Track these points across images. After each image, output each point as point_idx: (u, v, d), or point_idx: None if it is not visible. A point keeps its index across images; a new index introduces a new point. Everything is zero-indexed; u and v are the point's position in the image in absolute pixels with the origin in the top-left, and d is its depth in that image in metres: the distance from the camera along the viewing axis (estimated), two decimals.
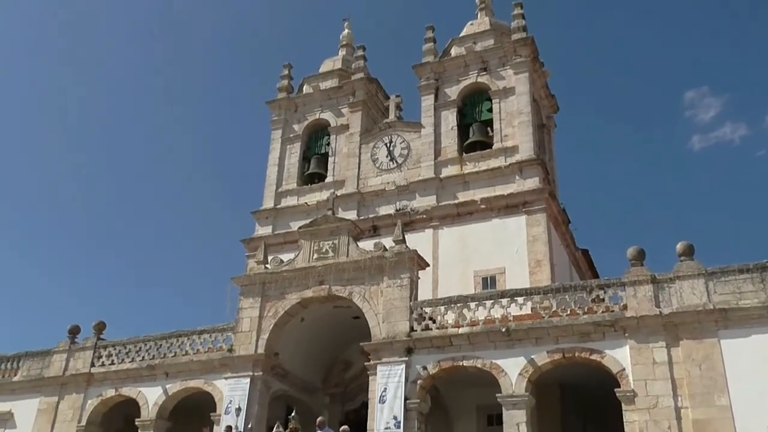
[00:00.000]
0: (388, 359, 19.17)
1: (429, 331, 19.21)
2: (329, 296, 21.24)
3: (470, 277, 24.67)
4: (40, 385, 24.24)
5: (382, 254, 20.75)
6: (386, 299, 20.12)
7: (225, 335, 22.28)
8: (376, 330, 19.89)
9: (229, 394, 20.82)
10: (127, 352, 23.52)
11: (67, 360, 24.29)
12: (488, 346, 18.31)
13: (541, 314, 18.21)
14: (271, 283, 22.10)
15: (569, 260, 28.38)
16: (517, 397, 17.42)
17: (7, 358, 25.72)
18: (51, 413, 23.50)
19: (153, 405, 22.10)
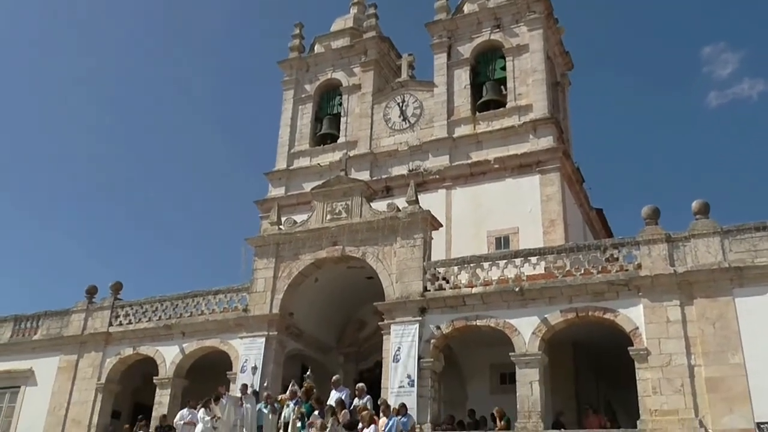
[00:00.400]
0: (402, 319, 19.28)
1: (442, 291, 19.26)
2: (343, 257, 21.30)
3: (483, 237, 24.66)
4: (59, 344, 24.66)
5: (395, 215, 20.73)
6: (399, 259, 20.15)
7: (240, 295, 22.47)
8: (389, 290, 19.97)
9: (244, 353, 21.08)
10: (144, 312, 23.81)
11: (85, 319, 24.63)
12: (501, 305, 18.35)
13: (554, 274, 18.18)
14: (284, 243, 22.18)
15: (583, 220, 28.26)
16: (530, 355, 17.51)
17: (26, 317, 26.13)
18: (71, 371, 23.94)
19: (170, 363, 22.44)
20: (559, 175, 24.86)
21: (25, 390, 24.52)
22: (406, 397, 17.88)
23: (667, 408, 15.78)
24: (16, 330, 25.91)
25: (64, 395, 23.60)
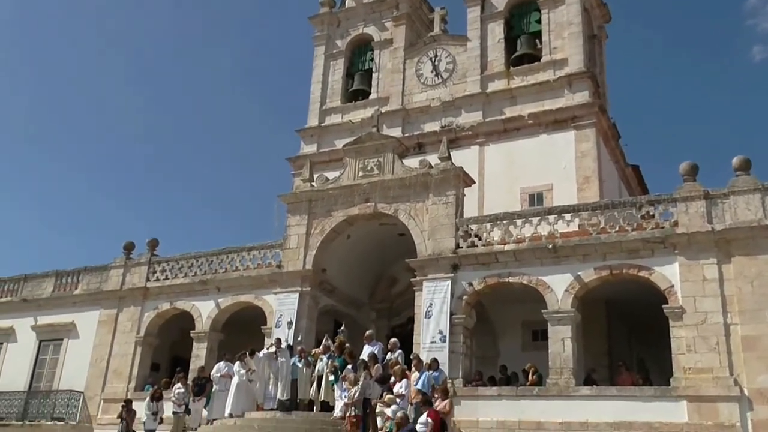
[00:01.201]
0: (434, 275, 19.31)
1: (474, 248, 19.20)
2: (375, 214, 21.30)
3: (517, 194, 24.43)
4: (99, 298, 25.27)
5: (427, 171, 20.59)
6: (432, 216, 20.08)
7: (273, 252, 22.68)
8: (421, 247, 19.96)
9: (278, 309, 21.38)
10: (180, 268, 24.20)
11: (123, 275, 25.15)
12: (534, 262, 18.25)
13: (588, 231, 17.97)
14: (317, 200, 22.23)
15: (618, 176, 27.79)
16: (563, 313, 17.45)
17: (67, 272, 26.78)
18: (111, 324, 24.57)
19: (206, 318, 22.87)
20: (594, 131, 24.40)
21: (67, 342, 25.28)
22: (437, 352, 18.00)
23: (701, 366, 15.65)
24: (58, 285, 26.61)
25: (105, 348, 24.28)
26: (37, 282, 27.06)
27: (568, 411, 16.42)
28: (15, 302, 26.88)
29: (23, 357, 25.66)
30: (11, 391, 25.07)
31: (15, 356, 25.91)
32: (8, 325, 26.54)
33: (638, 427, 15.62)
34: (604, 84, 29.31)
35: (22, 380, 25.28)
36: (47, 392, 24.65)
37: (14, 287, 27.46)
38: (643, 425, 15.60)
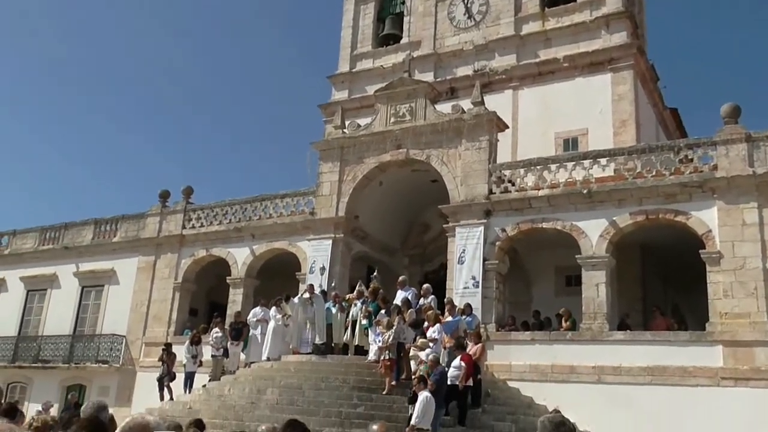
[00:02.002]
0: (467, 221, 19.28)
1: (508, 194, 19.07)
2: (407, 160, 21.20)
3: (551, 139, 24.04)
4: (137, 246, 25.80)
5: (460, 117, 20.34)
6: (464, 162, 19.93)
7: (306, 199, 22.81)
8: (454, 193, 19.88)
9: (312, 255, 21.60)
10: (215, 216, 24.50)
11: (160, 222, 25.58)
12: (569, 208, 18.09)
13: (624, 176, 17.68)
14: (349, 147, 22.18)
15: (656, 120, 27.15)
16: (597, 258, 17.34)
17: (105, 220, 27.33)
18: (149, 271, 25.14)
19: (242, 264, 23.23)
20: (632, 73, 23.75)
21: (108, 289, 25.97)
22: (470, 297, 18.11)
23: (738, 311, 15.49)
24: (97, 233, 27.21)
25: (145, 294, 24.89)
26: (77, 230, 27.69)
27: (602, 355, 16.47)
28: (57, 250, 27.59)
29: (67, 303, 26.47)
30: (57, 335, 25.97)
31: (59, 302, 26.73)
32: (51, 272, 27.31)
33: (672, 371, 15.62)
34: (642, 24, 28.40)
35: (66, 325, 26.13)
36: (91, 336, 25.47)
37: (56, 235, 28.16)
38: (677, 369, 15.59)
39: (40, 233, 28.60)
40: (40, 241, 28.41)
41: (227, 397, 16.96)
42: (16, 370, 26.14)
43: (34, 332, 27.02)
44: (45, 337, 26.35)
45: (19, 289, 28.00)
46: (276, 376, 17.29)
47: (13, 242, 29.27)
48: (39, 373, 25.63)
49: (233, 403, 16.39)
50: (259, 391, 16.59)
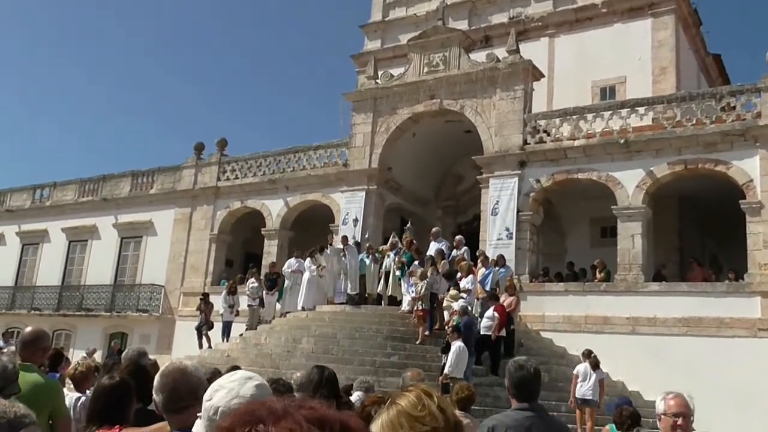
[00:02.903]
0: (501, 172, 19.14)
1: (543, 144, 18.83)
2: (440, 110, 20.99)
3: (588, 87, 23.56)
4: (173, 197, 26.17)
5: (494, 65, 19.99)
6: (499, 112, 19.66)
7: (339, 151, 22.82)
8: (488, 144, 19.69)
9: (345, 207, 21.70)
10: (249, 168, 24.66)
11: (195, 174, 25.85)
12: (605, 158, 17.82)
13: (663, 125, 17.29)
14: (382, 98, 22.01)
15: (698, 66, 26.36)
16: (633, 209, 17.13)
17: (142, 173, 27.71)
18: (186, 223, 25.55)
19: (276, 216, 23.45)
20: (673, 18, 23.01)
21: (146, 240, 26.49)
22: (504, 249, 18.08)
23: None
24: (134, 184, 27.62)
25: (182, 244, 25.35)
26: (115, 182, 28.15)
27: (636, 306, 16.41)
28: (96, 201, 28.13)
29: (107, 253, 27.10)
30: (99, 285, 26.68)
31: (100, 252, 27.38)
32: (91, 223, 27.90)
33: (708, 322, 15.51)
34: None
35: (107, 275, 26.80)
36: (131, 286, 26.13)
37: (95, 187, 28.67)
38: (713, 320, 15.47)
39: (80, 185, 29.15)
40: (79, 193, 28.97)
41: (264, 346, 17.34)
42: (61, 318, 27.00)
43: (76, 282, 27.78)
44: (87, 287, 27.10)
45: (61, 240, 28.70)
46: (311, 326, 17.60)
47: (54, 194, 29.90)
48: (82, 321, 26.44)
49: (269, 351, 16.76)
50: (294, 340, 16.92)
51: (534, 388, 4.18)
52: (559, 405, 13.34)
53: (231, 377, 2.27)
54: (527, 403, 4.13)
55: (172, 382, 2.83)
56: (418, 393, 1.97)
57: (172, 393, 2.80)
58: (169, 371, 2.87)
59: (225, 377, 2.29)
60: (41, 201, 30.24)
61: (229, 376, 2.29)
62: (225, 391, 2.20)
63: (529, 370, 4.17)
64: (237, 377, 2.26)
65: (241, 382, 2.23)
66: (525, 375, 4.14)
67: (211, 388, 2.26)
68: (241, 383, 2.22)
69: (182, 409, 2.76)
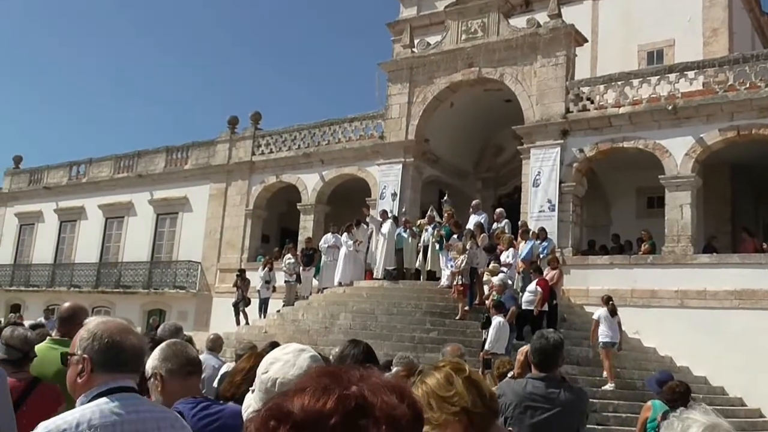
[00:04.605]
0: (542, 142, 18.92)
1: (586, 112, 18.54)
2: (479, 79, 20.76)
3: (634, 52, 23.10)
4: (208, 173, 26.47)
5: (535, 31, 19.65)
6: (540, 80, 19.39)
7: (375, 123, 22.77)
8: (529, 113, 19.46)
9: (382, 180, 21.70)
10: (284, 141, 24.78)
11: (229, 149, 26.07)
12: (651, 126, 17.48)
13: (714, 89, 16.85)
14: (418, 67, 21.85)
15: (752, 27, 25.56)
16: (682, 178, 16.80)
17: (176, 148, 28.05)
18: (221, 198, 25.84)
19: (312, 190, 23.56)
20: None
21: (182, 216, 26.89)
22: (546, 221, 17.94)
23: None
24: (169, 160, 27.99)
25: (218, 220, 25.68)
26: (150, 158, 28.56)
27: (685, 279, 16.16)
28: (131, 178, 28.60)
29: (143, 230, 27.60)
30: (136, 262, 27.23)
31: (136, 229, 27.90)
32: (127, 199, 28.40)
33: (761, 295, 15.20)
34: None
35: (144, 252, 27.32)
36: (168, 263, 26.60)
37: (129, 163, 29.13)
38: (766, 294, 15.16)
39: (115, 161, 29.64)
40: (115, 170, 29.46)
41: (301, 322, 17.54)
42: (100, 295, 27.66)
43: (114, 259, 28.38)
44: (125, 264, 27.67)
45: (98, 216, 29.29)
46: (348, 302, 17.73)
47: (90, 171, 30.47)
48: (121, 298, 27.05)
49: (307, 327, 16.95)
50: (332, 315, 17.08)
51: (552, 358, 4.33)
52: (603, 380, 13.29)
53: (284, 349, 2.33)
54: (544, 373, 4.26)
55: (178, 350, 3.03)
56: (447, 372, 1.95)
57: (181, 359, 2.98)
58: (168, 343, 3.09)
59: (278, 350, 2.36)
60: (77, 177, 30.86)
61: (282, 348, 2.35)
62: (281, 363, 2.27)
63: (548, 340, 4.30)
64: (291, 349, 2.32)
65: (296, 354, 2.29)
66: (543, 344, 4.30)
67: (265, 360, 2.33)
68: (296, 355, 2.29)
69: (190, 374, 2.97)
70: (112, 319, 2.71)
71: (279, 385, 2.20)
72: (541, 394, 4.18)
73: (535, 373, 4.33)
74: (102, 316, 2.81)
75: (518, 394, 4.19)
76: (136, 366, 2.55)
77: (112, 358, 2.48)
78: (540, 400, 4.18)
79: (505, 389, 4.28)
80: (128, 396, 2.43)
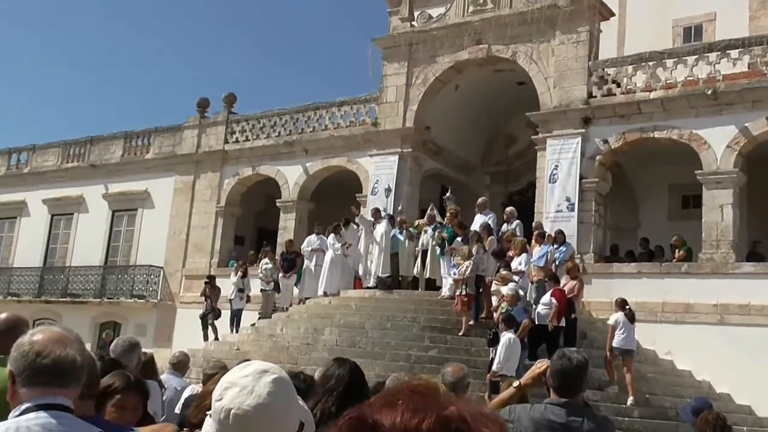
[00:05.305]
0: (561, 132, 19.03)
1: (612, 97, 18.67)
2: (488, 58, 20.88)
3: (668, 27, 23.31)
4: (173, 163, 26.46)
5: (553, 3, 19.74)
6: (558, 59, 19.49)
7: (368, 107, 22.84)
8: (545, 97, 19.55)
9: (375, 174, 21.74)
10: (262, 128, 24.79)
11: (198, 136, 26.07)
12: (687, 113, 17.58)
13: (761, 71, 16.96)
14: (418, 44, 21.91)
15: None
16: (723, 174, 16.90)
17: (137, 134, 28.01)
18: (188, 193, 25.81)
19: (293, 185, 23.57)
20: None
21: (142, 213, 26.85)
22: (564, 222, 18.00)
23: None
24: (128, 148, 27.93)
25: (183, 219, 25.66)
26: (105, 145, 28.47)
27: (725, 291, 16.24)
28: (83, 168, 28.50)
29: (96, 229, 27.48)
30: (87, 266, 27.10)
31: (87, 228, 27.75)
32: (77, 193, 28.28)
33: None
34: None
35: (96, 255, 27.22)
36: (124, 267, 26.56)
37: (81, 151, 29.00)
38: None
39: (63, 149, 29.50)
40: (63, 158, 29.31)
41: (280, 337, 17.54)
42: (43, 305, 27.51)
43: (60, 263, 28.27)
44: (73, 268, 27.57)
45: (42, 213, 29.15)
46: (335, 314, 17.74)
47: (33, 159, 30.29)
48: (68, 308, 26.92)
49: (286, 344, 16.95)
50: (315, 330, 17.08)
51: (574, 381, 4.28)
52: (632, 409, 13.33)
53: (242, 371, 2.20)
54: (565, 398, 4.23)
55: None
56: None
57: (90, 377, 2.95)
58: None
59: (235, 371, 2.24)
60: (18, 167, 30.71)
61: (240, 369, 2.22)
62: (237, 389, 2.14)
63: (571, 361, 4.24)
64: (250, 371, 2.19)
65: (256, 377, 2.16)
66: (565, 365, 4.24)
67: (220, 384, 2.21)
68: (255, 378, 2.16)
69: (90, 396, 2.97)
70: (51, 329, 2.71)
71: (234, 417, 2.08)
72: (561, 423, 4.15)
73: (554, 398, 4.29)
74: (43, 327, 2.79)
75: (535, 421, 4.16)
76: (64, 381, 2.55)
77: (36, 372, 2.51)
78: (559, 429, 4.15)
79: (520, 414, 4.24)
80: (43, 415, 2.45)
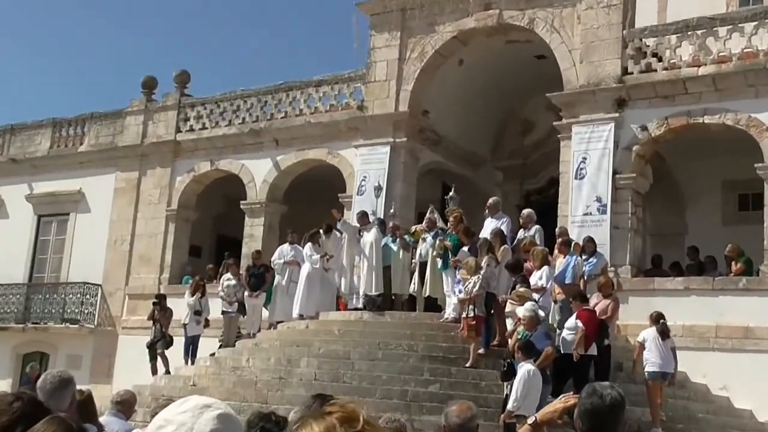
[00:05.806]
0: (589, 116, 19.11)
1: (652, 74, 18.75)
2: (499, 26, 20.94)
3: None
4: (113, 157, 26.34)
5: None
6: (586, 28, 19.57)
7: (352, 87, 22.81)
8: (570, 74, 19.62)
9: (362, 169, 21.72)
10: (222, 113, 24.70)
11: (144, 123, 25.96)
12: (745, 93, 17.67)
13: None
14: (414, 9, 21.95)
15: None
16: None
17: (68, 121, 27.84)
18: (132, 193, 25.68)
19: (261, 183, 23.52)
20: None
21: (75, 218, 26.74)
22: (594, 228, 18.05)
23: None
24: (57, 139, 27.81)
25: (127, 225, 25.55)
26: (29, 135, 28.35)
27: None
28: (2, 163, 28.36)
29: (18, 238, 27.29)
30: (6, 284, 26.86)
31: (7, 237, 27.52)
32: None
33: None
34: None
35: (18, 270, 27.07)
36: (54, 286, 26.42)
37: None
38: None
39: None
40: None
41: (245, 370, 17.43)
42: None
43: None
44: None
45: None
46: (313, 341, 17.65)
47: None
48: None
49: (254, 378, 16.83)
50: (289, 361, 16.98)
51: (608, 423, 4.27)
52: None
53: (180, 407, 2.30)
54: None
55: None
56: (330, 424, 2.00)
57: None
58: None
59: (172, 407, 2.32)
60: None
61: (178, 405, 2.32)
62: (173, 427, 2.23)
63: (603, 399, 4.24)
64: (189, 406, 2.29)
65: (196, 413, 2.26)
66: (596, 404, 4.23)
67: (153, 424, 2.30)
68: (195, 415, 2.26)
69: None
70: None
71: None
72: None
73: None
74: None
75: None
76: None
77: None
78: None
79: None
80: None
